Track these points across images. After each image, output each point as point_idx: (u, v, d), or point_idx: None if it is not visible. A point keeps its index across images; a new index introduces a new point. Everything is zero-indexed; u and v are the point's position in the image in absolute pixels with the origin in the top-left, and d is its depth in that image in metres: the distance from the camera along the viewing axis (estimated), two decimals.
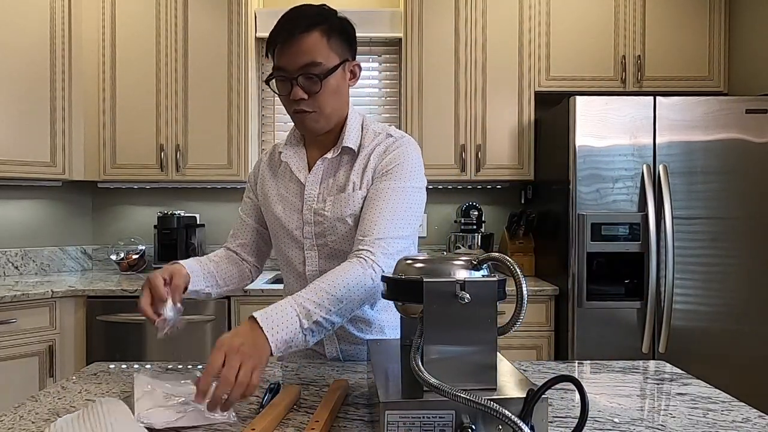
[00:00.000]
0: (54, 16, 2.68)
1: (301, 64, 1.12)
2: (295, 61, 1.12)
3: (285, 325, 0.93)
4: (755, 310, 2.40)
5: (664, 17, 2.88)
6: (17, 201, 2.95)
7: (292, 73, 1.13)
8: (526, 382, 0.79)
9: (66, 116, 2.73)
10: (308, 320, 0.96)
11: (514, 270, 0.75)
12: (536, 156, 2.89)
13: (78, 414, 0.86)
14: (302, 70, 1.12)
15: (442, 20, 2.87)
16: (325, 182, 1.23)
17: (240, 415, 0.90)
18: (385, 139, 1.23)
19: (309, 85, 1.13)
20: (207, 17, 2.86)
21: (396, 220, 1.13)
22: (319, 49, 1.12)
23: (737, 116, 2.40)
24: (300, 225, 1.23)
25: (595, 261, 2.42)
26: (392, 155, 1.20)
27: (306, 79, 1.12)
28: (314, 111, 1.16)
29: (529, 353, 2.56)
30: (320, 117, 1.17)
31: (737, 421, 0.89)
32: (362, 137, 1.24)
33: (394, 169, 1.18)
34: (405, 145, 1.22)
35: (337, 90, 1.17)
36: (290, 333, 0.94)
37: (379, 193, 1.16)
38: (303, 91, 1.13)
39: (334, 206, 1.20)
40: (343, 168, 1.23)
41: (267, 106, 3.25)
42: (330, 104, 1.17)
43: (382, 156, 1.21)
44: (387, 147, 1.22)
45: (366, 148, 1.22)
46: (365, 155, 1.22)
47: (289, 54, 1.12)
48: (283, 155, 1.27)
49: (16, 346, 2.34)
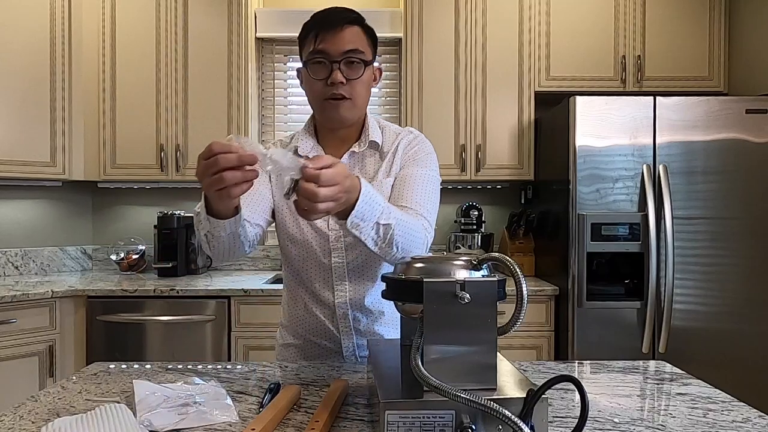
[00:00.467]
0: (54, 16, 2.68)
1: (345, 50, 1.16)
2: (340, 46, 1.16)
3: (373, 204, 0.96)
4: (755, 310, 2.40)
5: (664, 17, 2.88)
6: (17, 201, 2.95)
7: (335, 57, 1.16)
8: (526, 382, 0.79)
9: (66, 116, 2.73)
10: (386, 218, 1.00)
11: (514, 270, 0.75)
12: (536, 156, 2.89)
13: (80, 417, 0.86)
14: (346, 55, 1.16)
15: (442, 20, 2.87)
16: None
17: (240, 415, 0.90)
18: (408, 134, 1.30)
19: (349, 71, 1.17)
20: (207, 17, 2.86)
21: (430, 205, 1.20)
22: (361, 40, 1.19)
23: (737, 116, 2.40)
24: (325, 217, 1.22)
25: (595, 261, 2.42)
26: (418, 147, 1.27)
27: (348, 64, 1.17)
28: (350, 98, 1.19)
29: (529, 353, 2.56)
30: (353, 106, 1.21)
31: (737, 421, 0.89)
32: (383, 135, 1.29)
33: (420, 158, 1.25)
34: (425, 141, 1.30)
35: (368, 84, 1.24)
36: (371, 213, 0.96)
37: (411, 178, 1.21)
38: (342, 76, 1.16)
39: None
40: (368, 161, 1.27)
41: (267, 106, 3.25)
42: (363, 95, 1.22)
43: (407, 148, 1.27)
44: (411, 141, 1.29)
45: (391, 144, 1.28)
46: (392, 149, 1.27)
47: (334, 39, 1.16)
48: (301, 149, 1.27)
49: (16, 346, 2.34)
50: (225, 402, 0.94)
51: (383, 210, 0.99)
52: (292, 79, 3.28)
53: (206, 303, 2.51)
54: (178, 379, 1.09)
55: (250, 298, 2.52)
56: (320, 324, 1.28)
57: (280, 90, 3.27)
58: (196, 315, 2.50)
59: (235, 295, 2.51)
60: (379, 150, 1.28)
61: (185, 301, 2.51)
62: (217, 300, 2.51)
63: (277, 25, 3.08)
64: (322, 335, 1.29)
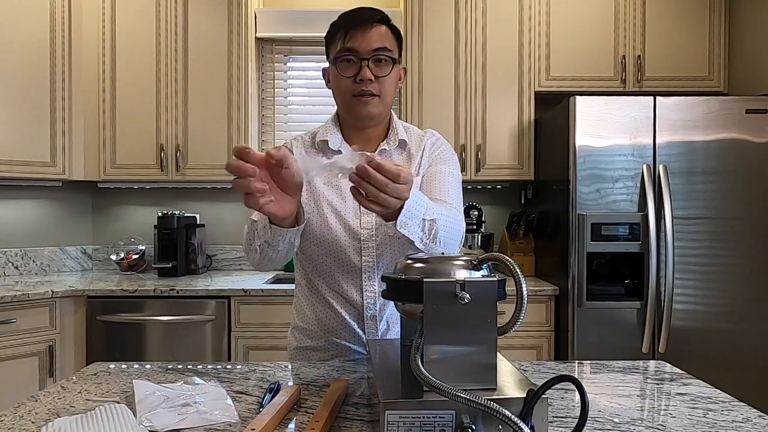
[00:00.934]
0: (54, 16, 2.68)
1: (374, 48, 1.18)
2: (369, 44, 1.18)
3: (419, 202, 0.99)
4: (755, 310, 2.40)
5: (664, 17, 2.88)
6: (17, 201, 2.95)
7: (365, 54, 1.18)
8: (526, 382, 0.79)
9: (66, 116, 2.73)
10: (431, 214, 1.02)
11: (514, 270, 0.75)
12: (536, 156, 2.89)
13: (80, 417, 0.86)
14: (375, 52, 1.18)
15: (442, 20, 2.87)
16: None
17: (240, 415, 0.90)
18: (432, 136, 1.34)
19: (378, 69, 1.19)
20: (207, 17, 2.86)
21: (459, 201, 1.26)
22: (389, 39, 1.21)
23: (737, 116, 2.40)
24: (357, 215, 1.24)
25: (595, 261, 2.42)
26: (442, 147, 1.32)
27: (376, 61, 1.19)
28: (378, 95, 1.21)
29: (529, 353, 2.56)
30: (381, 103, 1.22)
31: (737, 421, 0.89)
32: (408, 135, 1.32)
33: (447, 158, 1.30)
34: (447, 143, 1.36)
35: (395, 83, 1.25)
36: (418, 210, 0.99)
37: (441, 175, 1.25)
38: (371, 73, 1.18)
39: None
40: (396, 159, 1.29)
41: (267, 106, 3.25)
42: (390, 93, 1.24)
43: (432, 149, 1.31)
44: (434, 142, 1.33)
45: (418, 146, 1.31)
46: (419, 150, 1.30)
47: (363, 37, 1.18)
48: (331, 142, 1.28)
49: (16, 346, 2.34)
50: (225, 402, 0.94)
51: (428, 206, 1.02)
52: (292, 80, 3.28)
53: (206, 303, 2.51)
54: (178, 379, 1.09)
55: (250, 298, 2.52)
56: (345, 325, 1.28)
57: (280, 90, 3.27)
58: (196, 315, 2.50)
59: (235, 295, 2.51)
60: (406, 149, 1.30)
61: (185, 301, 2.51)
62: (217, 300, 2.51)
63: (277, 25, 3.09)
64: (347, 336, 1.29)
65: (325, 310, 1.30)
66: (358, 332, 1.27)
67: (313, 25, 3.05)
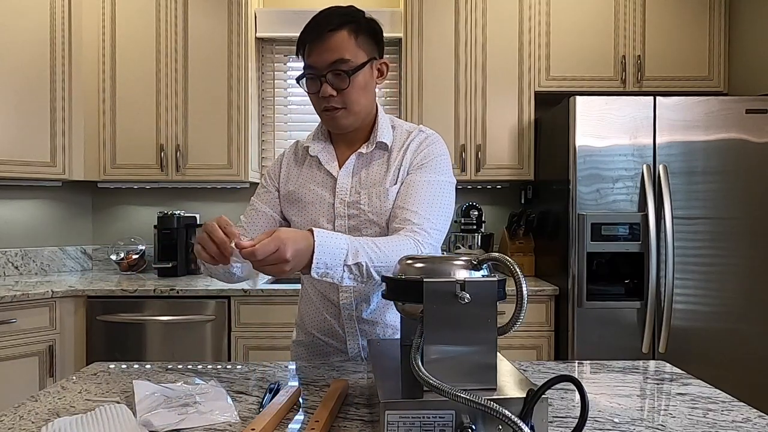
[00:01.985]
0: (54, 16, 2.68)
1: (330, 61, 1.15)
2: (324, 59, 1.15)
3: (333, 250, 0.99)
4: (755, 310, 2.40)
5: (664, 17, 2.88)
6: (17, 201, 2.95)
7: (321, 71, 1.16)
8: (526, 382, 0.79)
9: (66, 116, 2.73)
10: (353, 258, 1.01)
11: (514, 270, 0.75)
12: (536, 156, 2.89)
13: (80, 417, 0.86)
14: (331, 67, 1.15)
15: (442, 20, 2.87)
16: (357, 176, 1.25)
17: (240, 415, 0.90)
18: (417, 135, 1.28)
19: (337, 82, 1.17)
20: (207, 17, 2.86)
21: (435, 213, 1.18)
22: (346, 46, 1.16)
23: (737, 116, 2.40)
24: (332, 218, 1.24)
25: (595, 261, 2.42)
26: (426, 150, 1.25)
27: (334, 75, 1.16)
28: (343, 107, 1.19)
29: (529, 353, 2.56)
30: (349, 114, 1.20)
31: (737, 421, 0.89)
32: (394, 135, 1.28)
33: (429, 163, 1.23)
34: (437, 142, 1.28)
35: (365, 87, 1.21)
36: (334, 260, 0.99)
37: (416, 185, 1.20)
38: (332, 88, 1.16)
39: (371, 200, 1.22)
40: (376, 162, 1.26)
41: (267, 106, 3.25)
42: (358, 101, 1.20)
43: (416, 151, 1.25)
44: (420, 142, 1.26)
45: (401, 144, 1.27)
46: (401, 151, 1.25)
47: (318, 52, 1.16)
48: (311, 149, 1.28)
49: (16, 346, 2.34)
50: (225, 402, 0.94)
51: (348, 251, 1.00)
52: (292, 79, 3.28)
53: (206, 303, 2.51)
54: (178, 379, 1.09)
55: (250, 298, 2.52)
56: (327, 323, 1.29)
57: (280, 90, 3.27)
58: (196, 315, 2.50)
59: (235, 295, 2.51)
60: (387, 151, 1.27)
61: (185, 301, 2.51)
62: (217, 300, 2.51)
63: (277, 25, 3.08)
64: (329, 334, 1.30)
65: (311, 306, 1.33)
66: (338, 330, 1.28)
67: None
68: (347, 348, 1.28)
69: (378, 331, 1.27)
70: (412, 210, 1.16)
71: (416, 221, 1.14)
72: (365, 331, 1.27)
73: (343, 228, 1.23)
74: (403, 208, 1.17)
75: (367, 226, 1.22)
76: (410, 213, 1.15)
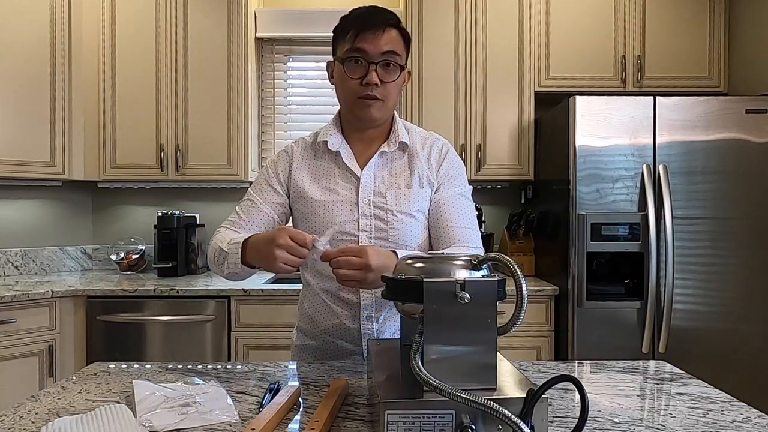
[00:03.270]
0: (54, 16, 2.68)
1: (384, 51, 1.17)
2: (379, 48, 1.17)
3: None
4: (755, 310, 2.40)
5: (664, 17, 2.88)
6: (17, 201, 2.95)
7: (374, 57, 1.18)
8: (526, 382, 0.79)
9: (66, 116, 2.73)
10: None
11: (514, 270, 0.75)
12: (536, 156, 2.89)
13: (80, 417, 0.86)
14: (383, 57, 1.18)
15: (442, 20, 2.87)
16: (380, 176, 1.26)
17: (240, 415, 0.90)
18: (435, 142, 1.32)
19: (385, 73, 1.19)
20: (207, 17, 2.86)
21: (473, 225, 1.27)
22: (398, 44, 1.21)
23: (737, 116, 2.40)
24: (354, 218, 1.23)
25: (595, 261, 2.42)
26: (449, 159, 1.30)
27: (384, 66, 1.19)
28: (382, 99, 1.21)
29: (529, 353, 2.56)
30: (384, 107, 1.23)
31: (737, 421, 0.89)
32: (409, 137, 1.30)
33: (457, 176, 1.30)
34: (453, 151, 1.34)
35: (400, 87, 1.25)
36: None
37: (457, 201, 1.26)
38: (378, 77, 1.18)
39: (398, 200, 1.23)
40: (397, 163, 1.28)
41: (267, 106, 3.25)
42: (394, 97, 1.24)
43: (439, 159, 1.30)
44: (440, 149, 1.31)
45: (421, 148, 1.29)
46: (425, 155, 1.29)
47: (374, 40, 1.17)
48: (330, 144, 1.27)
49: (16, 346, 2.34)
50: (225, 402, 0.94)
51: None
52: (292, 80, 3.28)
53: (206, 303, 2.51)
54: (178, 379, 1.09)
55: (250, 298, 2.52)
56: (341, 325, 1.28)
57: (280, 90, 3.27)
58: (196, 315, 2.50)
59: (235, 295, 2.51)
60: (407, 152, 1.29)
61: (185, 301, 2.51)
62: (217, 300, 2.51)
63: (277, 25, 3.08)
64: (343, 336, 1.29)
65: (323, 310, 1.30)
66: (354, 332, 1.27)
67: (313, 25, 3.05)
68: (362, 350, 1.28)
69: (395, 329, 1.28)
70: (465, 227, 1.24)
71: (465, 236, 1.23)
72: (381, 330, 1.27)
73: (368, 227, 1.23)
74: (456, 227, 1.23)
75: (394, 226, 1.23)
76: (465, 231, 1.23)
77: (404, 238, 1.23)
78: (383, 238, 1.23)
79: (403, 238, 1.23)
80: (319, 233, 1.22)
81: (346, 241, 1.22)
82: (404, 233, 1.23)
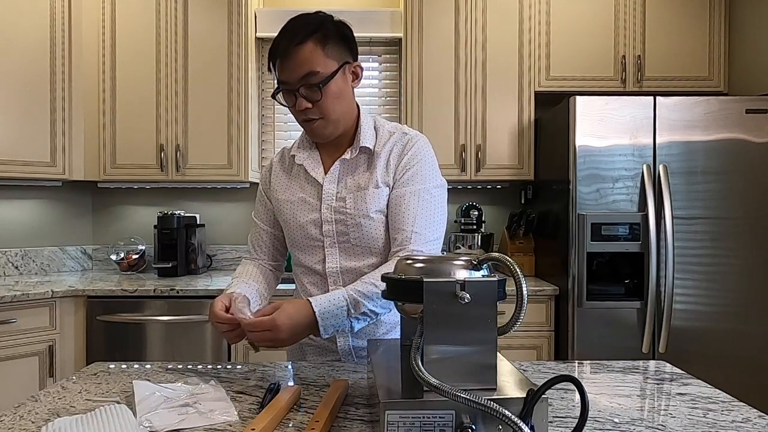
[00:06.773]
0: (54, 16, 2.68)
1: (300, 75, 1.15)
2: (294, 73, 1.16)
3: (335, 313, 1.09)
4: (755, 310, 2.40)
5: (664, 17, 2.88)
6: (17, 201, 2.95)
7: (294, 85, 1.17)
8: (526, 382, 0.79)
9: (66, 116, 2.73)
10: (356, 310, 1.11)
11: (514, 270, 0.75)
12: (536, 156, 2.89)
13: (80, 417, 0.86)
14: (302, 81, 1.16)
15: (442, 20, 2.87)
16: (343, 181, 1.26)
17: (240, 415, 0.90)
18: (401, 138, 1.27)
19: (310, 95, 1.17)
20: (207, 17, 2.86)
21: (427, 225, 1.20)
22: (315, 58, 1.15)
23: (737, 116, 2.40)
24: (318, 224, 1.25)
25: (595, 261, 2.42)
26: (410, 154, 1.25)
27: (307, 89, 1.16)
28: (321, 118, 1.20)
29: (529, 353, 2.56)
30: (327, 123, 1.21)
31: (737, 421, 0.89)
32: (377, 137, 1.27)
33: (414, 171, 1.23)
34: (420, 144, 1.27)
35: (340, 94, 1.20)
36: (339, 320, 1.10)
37: (405, 200, 1.21)
38: (306, 101, 1.17)
39: (356, 203, 1.23)
40: (361, 167, 1.26)
41: (267, 106, 3.25)
42: (335, 109, 1.20)
43: (400, 155, 1.25)
44: (404, 145, 1.26)
45: (384, 147, 1.26)
46: (385, 154, 1.25)
47: (288, 67, 1.16)
48: (297, 158, 1.30)
49: (16, 346, 2.34)
50: (225, 402, 0.94)
51: (349, 306, 1.10)
52: None
53: (206, 303, 2.51)
54: (178, 379, 1.09)
55: None
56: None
57: None
58: (196, 315, 2.50)
59: None
60: (370, 156, 1.26)
61: (185, 301, 2.51)
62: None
63: (277, 25, 3.00)
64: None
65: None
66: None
67: None
68: (337, 347, 1.28)
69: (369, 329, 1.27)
70: (404, 229, 1.19)
71: (413, 240, 1.17)
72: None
73: (331, 232, 1.24)
74: (397, 229, 1.20)
75: (354, 230, 1.23)
76: (403, 233, 1.18)
77: (365, 240, 1.23)
78: (345, 241, 1.24)
79: (365, 240, 1.23)
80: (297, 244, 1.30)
81: (313, 247, 1.27)
82: (364, 235, 1.23)
